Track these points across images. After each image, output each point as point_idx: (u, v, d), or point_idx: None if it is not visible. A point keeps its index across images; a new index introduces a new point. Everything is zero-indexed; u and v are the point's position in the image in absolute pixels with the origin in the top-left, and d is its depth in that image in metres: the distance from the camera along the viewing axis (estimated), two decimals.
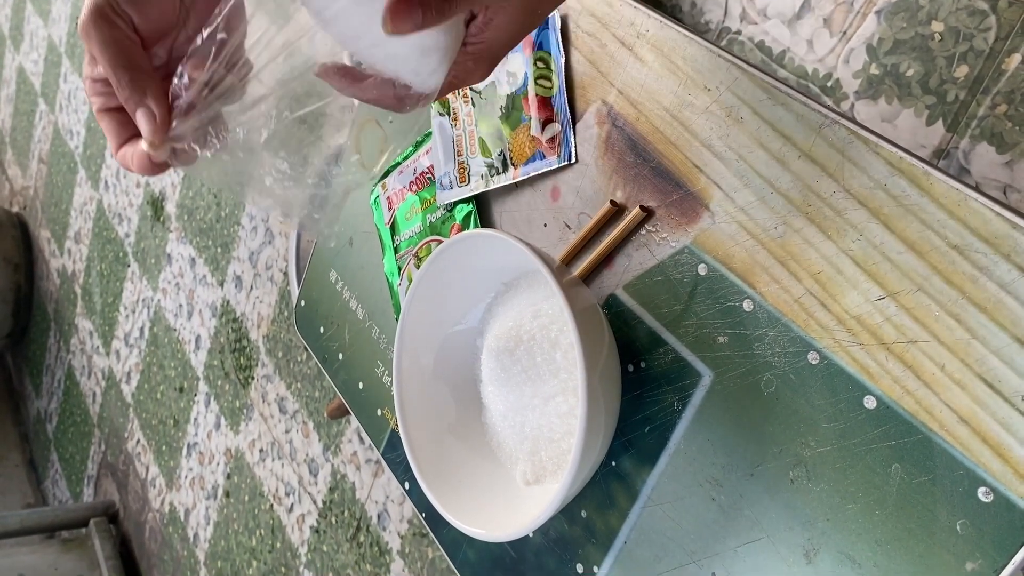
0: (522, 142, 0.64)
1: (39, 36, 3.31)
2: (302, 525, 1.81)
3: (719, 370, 0.51)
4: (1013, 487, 0.39)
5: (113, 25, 0.36)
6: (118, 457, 2.62)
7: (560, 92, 0.61)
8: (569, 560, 0.58)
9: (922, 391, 0.42)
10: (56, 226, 3.10)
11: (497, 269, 0.59)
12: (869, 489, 0.43)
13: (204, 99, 0.36)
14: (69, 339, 2.99)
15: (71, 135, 2.99)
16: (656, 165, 0.55)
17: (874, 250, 0.44)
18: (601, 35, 0.59)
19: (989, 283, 0.40)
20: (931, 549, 0.41)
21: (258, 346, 1.98)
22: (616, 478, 0.56)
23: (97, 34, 0.36)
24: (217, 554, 2.10)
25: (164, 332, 2.39)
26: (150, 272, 2.46)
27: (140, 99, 0.37)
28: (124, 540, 2.56)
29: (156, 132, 0.37)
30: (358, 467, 1.66)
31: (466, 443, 0.61)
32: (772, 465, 0.48)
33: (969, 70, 0.89)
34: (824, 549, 0.45)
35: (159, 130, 0.37)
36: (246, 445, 2.01)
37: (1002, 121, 0.87)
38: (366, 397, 0.78)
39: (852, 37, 0.98)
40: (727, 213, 0.51)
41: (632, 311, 0.56)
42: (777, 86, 0.49)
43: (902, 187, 0.43)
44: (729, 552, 0.49)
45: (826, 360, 0.46)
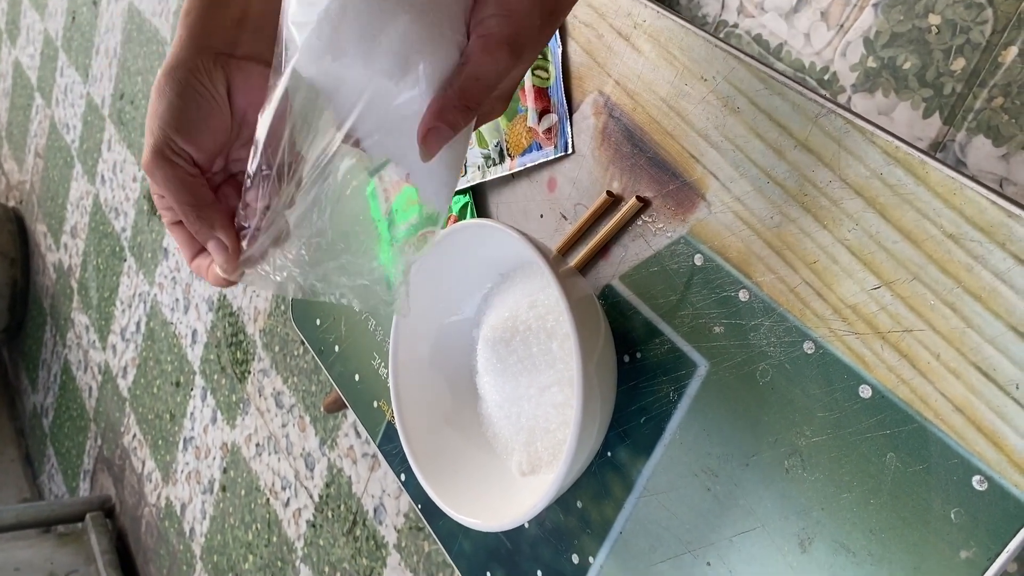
0: (518, 133, 0.64)
1: (35, 30, 3.30)
2: (298, 519, 1.81)
3: (715, 360, 0.51)
4: (1007, 475, 0.39)
5: (174, 165, 0.38)
6: (114, 452, 2.62)
7: (557, 82, 0.61)
8: (565, 550, 0.58)
9: (917, 380, 0.42)
10: (52, 220, 3.10)
11: (493, 260, 0.59)
12: (864, 478, 0.44)
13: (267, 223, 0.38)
14: (65, 334, 2.98)
15: (67, 129, 2.98)
16: (652, 155, 0.55)
17: (870, 239, 0.44)
18: (598, 25, 0.59)
19: (984, 272, 0.40)
20: (925, 538, 0.41)
21: (255, 340, 1.98)
22: (612, 468, 0.56)
23: (160, 174, 0.38)
24: (213, 548, 2.10)
25: (160, 327, 2.38)
26: (146, 266, 2.46)
27: (209, 232, 0.39)
28: (120, 534, 2.56)
29: (228, 261, 0.39)
30: (354, 461, 1.66)
31: (462, 434, 0.61)
32: (767, 455, 0.48)
33: (966, 63, 0.89)
34: (819, 538, 0.45)
35: (231, 259, 0.39)
36: (242, 439, 2.01)
37: (998, 114, 0.87)
38: (362, 389, 0.78)
39: (849, 30, 0.98)
40: (723, 203, 0.51)
41: (628, 301, 0.56)
42: (774, 76, 0.49)
43: (898, 176, 0.43)
44: (724, 542, 0.49)
45: (821, 349, 0.46)
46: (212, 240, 0.39)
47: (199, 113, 0.38)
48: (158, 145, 0.38)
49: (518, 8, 0.34)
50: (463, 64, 0.35)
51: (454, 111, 0.35)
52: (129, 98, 2.57)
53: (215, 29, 0.38)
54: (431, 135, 0.35)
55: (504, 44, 0.35)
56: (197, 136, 0.38)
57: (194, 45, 0.38)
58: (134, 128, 2.54)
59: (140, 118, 2.50)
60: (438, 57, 0.35)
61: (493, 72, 0.35)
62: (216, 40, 0.38)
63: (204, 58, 0.38)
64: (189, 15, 0.38)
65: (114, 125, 2.66)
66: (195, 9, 0.38)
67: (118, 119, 2.64)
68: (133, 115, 2.54)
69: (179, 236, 0.41)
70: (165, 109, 0.38)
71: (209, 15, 0.38)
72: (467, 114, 0.36)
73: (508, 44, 0.35)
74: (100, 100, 2.75)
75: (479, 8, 0.35)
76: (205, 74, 0.38)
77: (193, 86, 0.38)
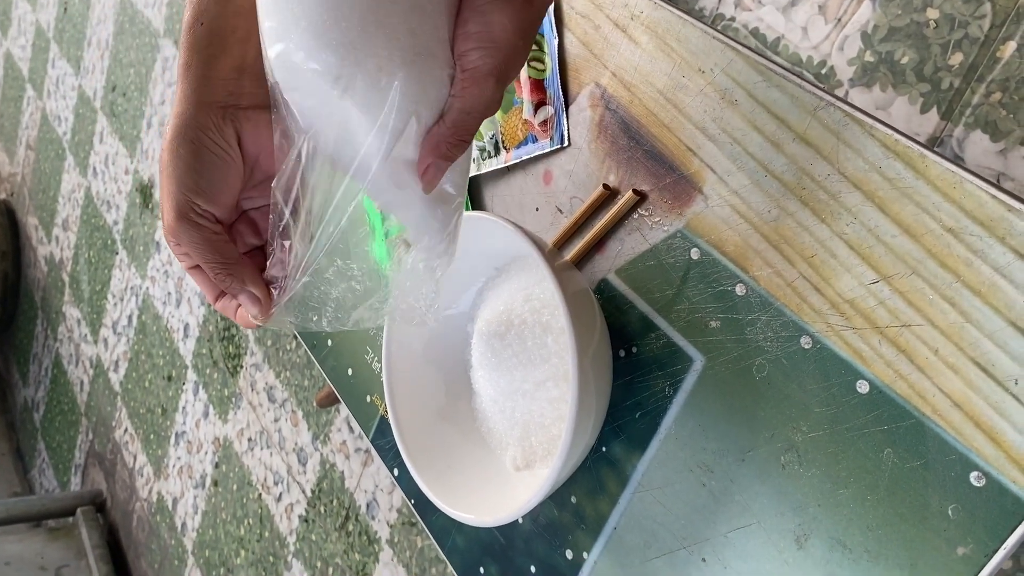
0: (514, 125, 0.63)
1: (27, 21, 3.28)
2: (290, 514, 1.80)
3: (711, 355, 0.50)
4: (1006, 472, 0.39)
5: (199, 227, 0.39)
6: (106, 446, 2.61)
7: (553, 74, 0.60)
8: (559, 546, 0.58)
9: (915, 375, 0.42)
10: (44, 213, 3.08)
11: (488, 253, 0.59)
12: (861, 474, 0.43)
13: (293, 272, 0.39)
14: (57, 327, 2.97)
15: (59, 121, 2.96)
16: (649, 148, 0.54)
17: (868, 233, 0.44)
18: (595, 17, 0.58)
19: (984, 266, 0.40)
20: (922, 534, 0.41)
21: (247, 335, 1.97)
22: (606, 464, 0.56)
23: (187, 237, 0.39)
24: (205, 543, 2.09)
25: (152, 320, 2.37)
26: (139, 260, 2.45)
27: (240, 287, 0.40)
28: (111, 529, 2.55)
29: (262, 312, 0.40)
30: (347, 456, 1.65)
31: (456, 428, 0.61)
32: (763, 450, 0.47)
33: (964, 58, 0.89)
34: (815, 534, 0.45)
35: (264, 309, 0.40)
36: (235, 434, 2.01)
37: (996, 109, 0.87)
38: (355, 384, 0.78)
39: (847, 24, 0.98)
40: (720, 196, 0.50)
41: (624, 296, 0.55)
42: (772, 68, 0.48)
43: (897, 170, 0.43)
44: (719, 538, 0.49)
45: (819, 344, 0.45)
46: (244, 294, 0.40)
47: (218, 173, 0.39)
48: (181, 209, 0.38)
49: (500, 38, 0.35)
50: (454, 98, 0.36)
51: (449, 146, 0.36)
52: (121, 90, 2.56)
53: (216, 81, 0.38)
54: (430, 170, 0.37)
55: (491, 76, 0.35)
56: (217, 195, 0.39)
57: (199, 101, 0.38)
58: (126, 120, 2.52)
59: (132, 110, 2.48)
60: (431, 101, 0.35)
61: (483, 104, 0.36)
62: (219, 92, 0.38)
63: (212, 114, 0.38)
64: (189, 69, 0.38)
65: (106, 117, 2.64)
66: (194, 63, 0.38)
67: (110, 111, 2.62)
68: (125, 107, 2.53)
69: (201, 280, 0.42)
70: (184, 172, 0.38)
71: (209, 67, 0.38)
72: (462, 146, 0.37)
73: (495, 76, 0.35)
74: (92, 92, 2.73)
75: (460, 40, 0.35)
76: (216, 131, 0.38)
77: (208, 146, 0.38)
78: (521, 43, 0.35)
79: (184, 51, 0.38)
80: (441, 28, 0.34)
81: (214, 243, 0.39)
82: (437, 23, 0.34)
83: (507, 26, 0.35)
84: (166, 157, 0.38)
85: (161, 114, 2.34)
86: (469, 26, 0.34)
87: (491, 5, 0.34)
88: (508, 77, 0.36)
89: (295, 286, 0.40)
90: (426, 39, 0.34)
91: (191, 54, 0.38)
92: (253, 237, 0.43)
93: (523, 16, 0.35)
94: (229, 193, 0.40)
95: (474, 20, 0.34)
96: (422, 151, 0.37)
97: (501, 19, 0.34)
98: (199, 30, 0.38)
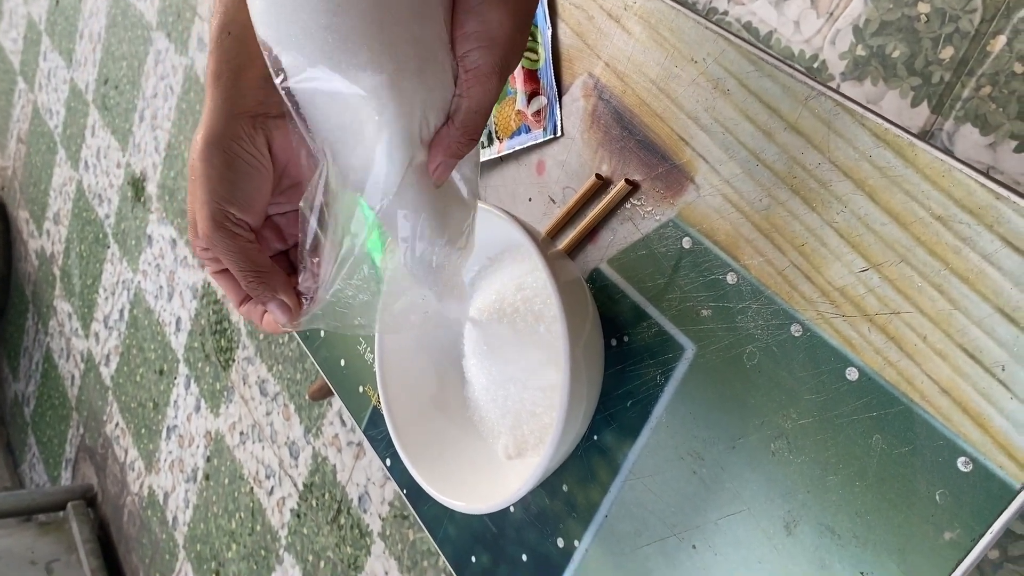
0: (507, 115, 0.63)
1: (18, 14, 3.26)
2: (282, 508, 1.80)
3: (702, 343, 0.50)
4: (992, 457, 0.39)
5: (235, 235, 0.39)
6: (97, 440, 2.60)
7: (546, 64, 0.60)
8: (550, 534, 0.58)
9: (904, 362, 0.42)
10: (35, 207, 3.07)
11: (481, 242, 0.59)
12: (850, 460, 0.44)
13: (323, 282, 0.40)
14: (47, 321, 2.96)
15: (50, 114, 2.95)
16: (642, 138, 0.54)
17: (858, 222, 0.44)
18: (588, 7, 0.58)
19: (972, 254, 0.40)
20: (910, 519, 0.41)
21: (239, 328, 1.97)
22: (598, 452, 0.56)
23: (223, 247, 0.39)
24: (196, 537, 2.09)
25: (144, 314, 2.37)
26: (130, 253, 2.44)
27: (272, 296, 0.41)
28: (102, 523, 2.55)
29: (292, 319, 0.41)
30: (339, 449, 1.65)
31: (448, 417, 0.61)
32: (754, 438, 0.48)
33: (954, 52, 0.89)
34: (804, 521, 0.45)
35: (294, 317, 0.41)
36: (226, 428, 2.00)
37: (986, 103, 0.87)
38: (347, 374, 0.78)
39: (839, 18, 0.98)
40: (712, 186, 0.51)
41: (616, 285, 0.56)
42: (764, 58, 0.49)
43: (887, 158, 0.43)
44: (710, 525, 0.49)
45: (809, 332, 0.46)
46: (273, 302, 0.41)
47: (251, 183, 0.39)
48: (216, 218, 0.39)
49: (498, 34, 0.35)
50: (460, 98, 0.36)
51: (459, 145, 0.37)
52: (113, 83, 2.54)
53: (247, 91, 0.38)
54: (440, 168, 0.38)
55: (494, 74, 0.36)
56: (251, 205, 0.40)
57: (231, 111, 0.38)
58: (118, 114, 2.51)
59: (125, 103, 2.47)
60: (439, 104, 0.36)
61: (489, 101, 0.37)
62: (250, 102, 0.39)
63: (244, 124, 0.38)
64: (219, 79, 0.38)
65: (98, 110, 2.63)
66: (224, 73, 0.38)
67: (102, 104, 2.61)
68: (117, 100, 2.52)
69: (226, 284, 0.42)
70: (218, 182, 0.38)
71: (238, 77, 0.38)
72: (472, 144, 0.38)
73: (497, 73, 0.36)
74: (84, 85, 2.72)
75: (460, 41, 0.35)
76: (249, 141, 0.39)
77: (242, 156, 0.39)
78: (519, 36, 0.36)
79: (213, 61, 0.38)
80: (441, 32, 0.35)
81: (248, 252, 0.40)
82: (437, 28, 0.34)
83: (504, 22, 0.35)
84: (199, 166, 0.38)
85: (153, 107, 2.33)
86: (467, 26, 0.35)
87: (485, 4, 0.34)
88: (509, 71, 0.37)
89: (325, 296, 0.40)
90: (429, 44, 0.34)
91: (221, 64, 0.38)
92: (278, 242, 0.43)
93: (518, 9, 0.35)
94: (261, 201, 0.40)
95: (471, 20, 0.35)
96: (433, 151, 0.37)
97: (497, 16, 0.35)
98: (227, 40, 0.38)
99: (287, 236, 0.44)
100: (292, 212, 0.43)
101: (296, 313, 0.41)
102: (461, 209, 0.41)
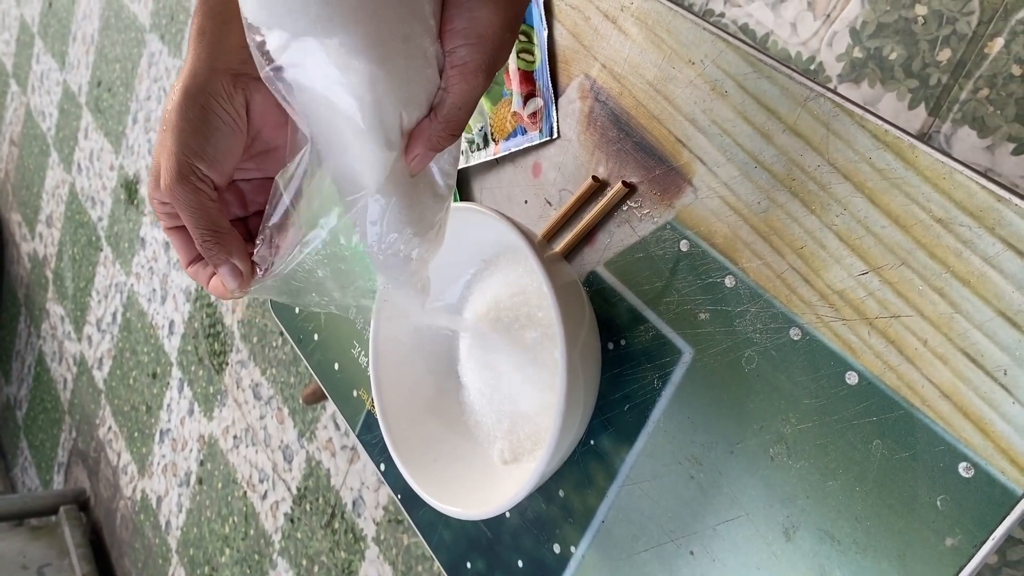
0: (503, 117, 0.63)
1: (11, 16, 3.25)
2: (276, 512, 1.79)
3: (700, 347, 0.50)
4: (994, 462, 0.39)
5: (197, 191, 0.38)
6: (89, 444, 2.59)
7: (542, 66, 0.60)
8: (546, 540, 0.58)
9: (904, 366, 0.42)
10: (27, 209, 3.05)
11: (477, 245, 0.58)
12: (850, 465, 0.43)
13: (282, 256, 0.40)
14: (40, 324, 2.94)
15: (43, 117, 2.94)
16: (639, 140, 0.54)
17: (858, 224, 0.44)
18: (585, 8, 0.58)
19: (973, 257, 0.40)
20: (911, 525, 0.41)
21: (232, 331, 1.96)
22: (594, 457, 0.55)
23: (184, 200, 0.38)
24: (189, 542, 2.08)
25: (137, 317, 2.35)
26: (123, 256, 2.43)
27: (225, 258, 0.40)
28: (94, 528, 2.53)
29: (242, 286, 0.41)
30: (333, 454, 1.65)
31: (443, 422, 0.60)
32: (752, 442, 0.47)
33: (952, 54, 0.89)
34: (804, 526, 0.45)
35: (244, 285, 0.41)
36: (220, 431, 1.99)
37: (984, 105, 0.87)
38: (342, 378, 0.77)
39: (836, 20, 0.98)
40: (710, 188, 0.50)
41: (613, 288, 0.55)
42: (762, 59, 0.48)
43: (887, 160, 0.43)
44: (708, 530, 0.49)
45: (808, 336, 0.45)
46: (226, 265, 0.40)
47: (223, 140, 0.39)
48: (182, 171, 0.38)
49: (487, 33, 0.35)
50: (444, 92, 0.36)
51: (440, 139, 0.37)
52: (107, 86, 2.53)
53: (230, 48, 0.38)
54: (418, 158, 0.38)
55: (480, 72, 0.36)
56: (220, 162, 0.39)
57: (212, 66, 0.38)
58: (111, 116, 2.50)
59: (118, 106, 2.46)
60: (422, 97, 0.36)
61: (473, 98, 0.37)
62: (233, 60, 0.38)
63: (224, 80, 0.38)
64: (204, 35, 0.38)
65: (91, 113, 2.62)
66: (208, 29, 0.38)
67: (95, 107, 2.60)
68: (111, 103, 2.51)
69: (177, 241, 0.42)
70: (190, 135, 0.38)
71: (223, 34, 0.38)
72: (451, 139, 0.38)
73: (483, 71, 0.36)
74: (77, 88, 2.71)
75: (448, 38, 0.35)
76: (227, 98, 0.38)
77: (217, 112, 0.38)
78: (508, 35, 0.36)
79: (198, 17, 0.38)
80: (430, 25, 0.35)
81: (208, 209, 0.39)
82: (427, 25, 0.34)
83: (492, 20, 0.35)
84: (172, 117, 0.38)
85: (147, 110, 2.32)
86: (455, 23, 0.35)
87: (475, 1, 0.35)
88: (495, 69, 0.37)
89: (282, 271, 0.40)
90: (418, 41, 0.34)
91: (206, 20, 0.38)
92: (238, 208, 0.43)
93: (507, 8, 0.35)
94: (230, 161, 0.40)
95: (460, 16, 0.35)
96: (412, 142, 0.37)
97: (486, 14, 0.35)
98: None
99: (249, 203, 0.43)
100: (257, 180, 0.42)
101: (247, 281, 0.41)
102: (435, 201, 0.41)
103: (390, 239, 0.40)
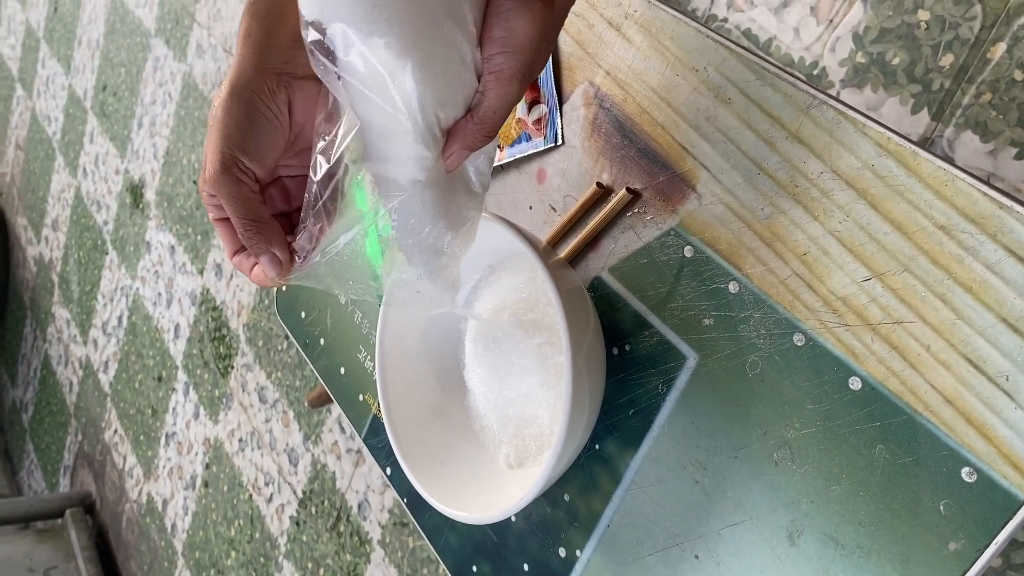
0: (507, 123, 0.63)
1: (17, 20, 3.26)
2: (281, 515, 1.80)
3: (704, 352, 0.50)
4: (997, 467, 0.39)
5: (240, 182, 0.40)
6: (95, 447, 2.60)
7: (547, 73, 0.60)
8: (552, 544, 0.58)
9: (907, 372, 0.42)
10: (33, 213, 3.06)
11: (482, 251, 0.58)
12: (853, 470, 0.43)
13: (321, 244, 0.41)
14: (46, 328, 2.95)
15: (49, 121, 2.95)
16: (643, 147, 0.54)
17: (860, 231, 0.44)
18: (589, 16, 0.58)
19: (975, 263, 0.40)
20: (914, 530, 0.41)
21: (238, 335, 1.96)
22: (599, 461, 0.56)
23: (226, 191, 0.40)
24: (195, 545, 2.08)
25: (143, 321, 2.36)
26: (129, 260, 2.44)
27: (265, 248, 0.41)
28: (100, 531, 2.54)
29: (281, 275, 0.42)
30: (339, 457, 1.65)
31: (449, 426, 0.61)
32: (756, 447, 0.47)
33: (955, 59, 0.90)
34: (808, 531, 0.45)
35: (283, 273, 0.42)
36: (225, 435, 2.00)
37: (987, 110, 0.87)
38: (348, 383, 0.77)
39: (839, 25, 0.98)
40: (714, 194, 0.50)
41: (617, 294, 0.56)
42: (765, 67, 0.49)
43: (889, 168, 0.43)
44: (712, 535, 0.49)
45: (811, 342, 0.46)
46: (267, 255, 0.42)
47: (265, 135, 0.41)
48: (226, 163, 0.40)
49: (523, 43, 0.37)
50: (482, 95, 0.38)
51: (475, 139, 0.39)
52: (112, 90, 2.55)
53: (276, 49, 0.40)
54: (454, 156, 0.40)
55: (515, 78, 0.38)
56: (263, 156, 0.41)
57: (257, 65, 0.40)
58: (117, 120, 2.51)
59: (123, 110, 2.47)
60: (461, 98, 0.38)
61: (508, 103, 0.39)
62: (278, 59, 0.40)
63: (268, 79, 0.40)
64: (250, 36, 0.40)
65: (96, 117, 2.63)
66: (255, 31, 0.40)
67: (100, 111, 2.61)
68: (116, 107, 2.52)
69: (224, 232, 0.43)
70: (234, 129, 0.40)
71: (269, 35, 0.40)
72: (486, 140, 0.40)
73: (519, 77, 0.38)
74: (82, 92, 2.72)
75: (487, 45, 0.37)
76: (270, 95, 0.40)
77: (259, 108, 0.40)
78: (543, 45, 0.38)
79: (245, 20, 0.40)
80: (472, 35, 0.37)
81: (250, 200, 0.41)
82: (468, 31, 0.36)
83: (528, 31, 0.37)
84: (219, 113, 0.40)
85: (152, 114, 2.33)
86: (494, 31, 0.37)
87: (513, 12, 0.36)
88: (531, 77, 0.39)
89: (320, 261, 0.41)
90: (460, 46, 0.36)
91: (252, 22, 0.40)
92: (282, 203, 0.44)
93: (544, 19, 0.37)
94: (272, 155, 0.41)
95: (498, 25, 0.37)
96: (449, 140, 0.39)
97: (523, 24, 0.37)
98: (260, 2, 0.40)
99: (292, 199, 0.45)
100: (301, 177, 0.44)
101: (287, 269, 0.42)
102: (468, 197, 0.43)
103: (424, 232, 0.42)
